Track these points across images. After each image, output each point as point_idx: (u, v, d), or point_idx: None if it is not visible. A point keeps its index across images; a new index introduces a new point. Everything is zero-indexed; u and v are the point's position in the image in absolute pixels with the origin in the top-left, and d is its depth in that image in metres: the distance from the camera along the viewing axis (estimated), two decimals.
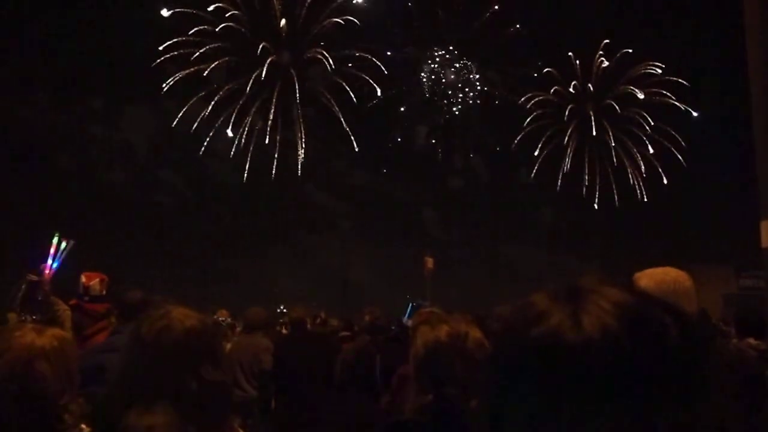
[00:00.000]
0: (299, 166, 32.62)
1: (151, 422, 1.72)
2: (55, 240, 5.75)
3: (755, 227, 2.76)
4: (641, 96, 33.63)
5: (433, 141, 34.88)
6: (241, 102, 31.93)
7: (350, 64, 32.47)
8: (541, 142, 34.67)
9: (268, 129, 32.35)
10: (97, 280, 5.06)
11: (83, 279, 5.05)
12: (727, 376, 3.11)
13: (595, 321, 0.76)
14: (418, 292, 17.82)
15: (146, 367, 1.84)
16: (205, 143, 32.05)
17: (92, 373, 3.09)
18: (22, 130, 28.72)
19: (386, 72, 32.37)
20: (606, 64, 33.82)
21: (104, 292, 5.04)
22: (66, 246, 5.79)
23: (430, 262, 16.89)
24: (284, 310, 20.22)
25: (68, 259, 5.78)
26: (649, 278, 3.13)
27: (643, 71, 33.56)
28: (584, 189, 35.04)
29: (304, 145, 32.66)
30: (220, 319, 9.74)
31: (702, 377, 0.77)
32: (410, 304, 10.03)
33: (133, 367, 1.88)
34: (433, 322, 2.57)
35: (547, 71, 33.69)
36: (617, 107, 34.33)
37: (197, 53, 30.29)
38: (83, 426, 2.13)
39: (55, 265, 5.68)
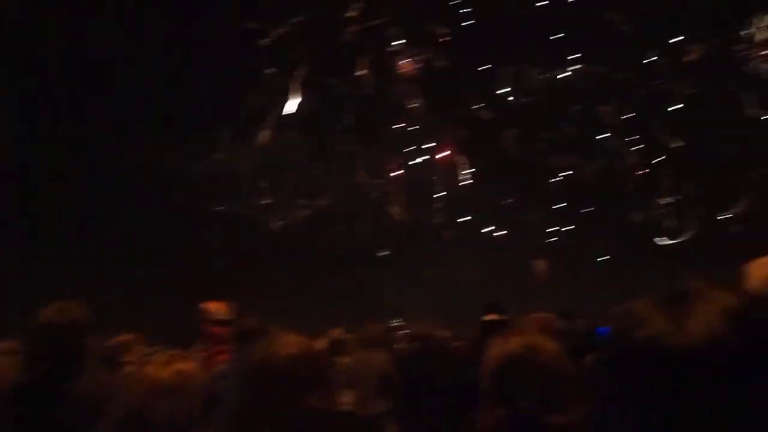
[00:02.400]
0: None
1: None
2: None
3: None
4: None
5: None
6: None
7: None
8: None
9: None
10: (224, 305, 5.36)
11: (209, 306, 5.35)
12: None
13: (701, 325, 0.75)
14: (531, 296, 17.57)
15: (251, 399, 1.92)
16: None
17: (210, 402, 3.24)
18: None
19: None
20: None
21: (228, 318, 5.31)
22: None
23: (541, 264, 16.67)
24: (400, 323, 20.29)
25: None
26: (760, 268, 2.95)
27: None
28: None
29: None
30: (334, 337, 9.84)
31: None
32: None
33: (240, 398, 1.97)
34: (506, 335, 2.53)
35: None
36: None
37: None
38: None
39: None
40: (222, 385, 3.54)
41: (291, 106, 31.90)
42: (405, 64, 32.45)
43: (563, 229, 33.80)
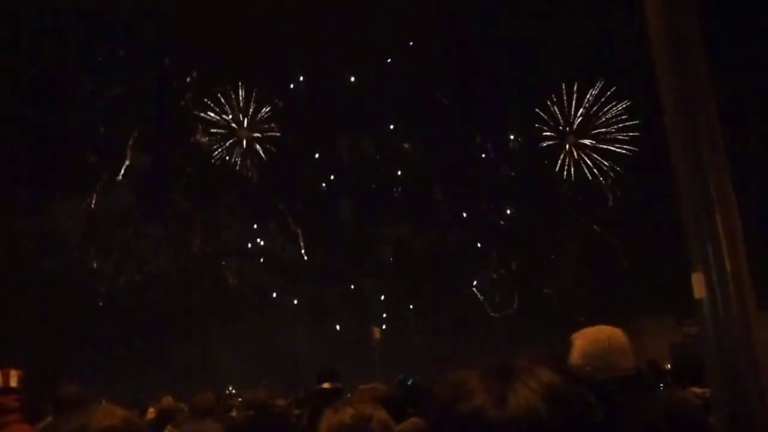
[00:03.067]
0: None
1: None
2: None
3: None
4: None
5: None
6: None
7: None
8: None
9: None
10: (8, 372, 5.01)
11: None
12: (671, 427, 3.10)
13: (522, 400, 0.79)
14: (368, 363, 17.63)
15: None
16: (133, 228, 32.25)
17: None
18: None
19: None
20: None
21: (15, 386, 4.95)
22: None
23: (377, 332, 16.81)
24: (233, 392, 19.71)
25: None
26: (584, 338, 3.21)
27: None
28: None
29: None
30: (163, 406, 9.36)
31: None
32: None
33: None
34: (338, 405, 2.58)
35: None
36: None
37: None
38: None
39: None
40: None
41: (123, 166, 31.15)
42: (242, 132, 32.57)
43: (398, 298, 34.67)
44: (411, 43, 31.47)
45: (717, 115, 2.36)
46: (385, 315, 32.73)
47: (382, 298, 34.79)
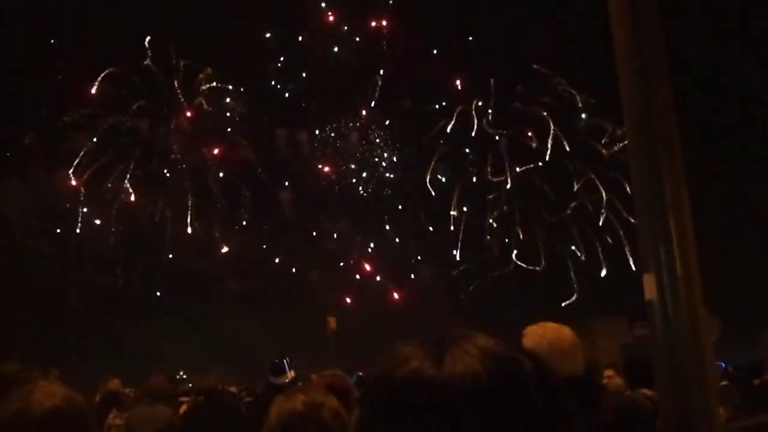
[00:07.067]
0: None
1: None
2: None
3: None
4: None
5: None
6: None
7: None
8: None
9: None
10: None
11: None
12: (620, 427, 3.13)
13: (458, 362, 0.83)
14: (322, 353, 17.59)
15: None
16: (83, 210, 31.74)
17: None
18: None
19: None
20: None
21: None
22: None
23: (332, 322, 16.80)
24: (183, 377, 19.52)
25: None
26: (527, 338, 3.22)
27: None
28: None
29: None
30: (111, 389, 9.22)
31: (562, 424, 0.85)
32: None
33: None
34: (289, 392, 2.57)
35: None
36: None
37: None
38: None
39: None
40: None
41: None
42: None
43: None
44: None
45: (675, 119, 2.38)
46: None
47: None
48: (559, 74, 31.56)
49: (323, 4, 33.13)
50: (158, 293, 32.66)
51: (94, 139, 31.24)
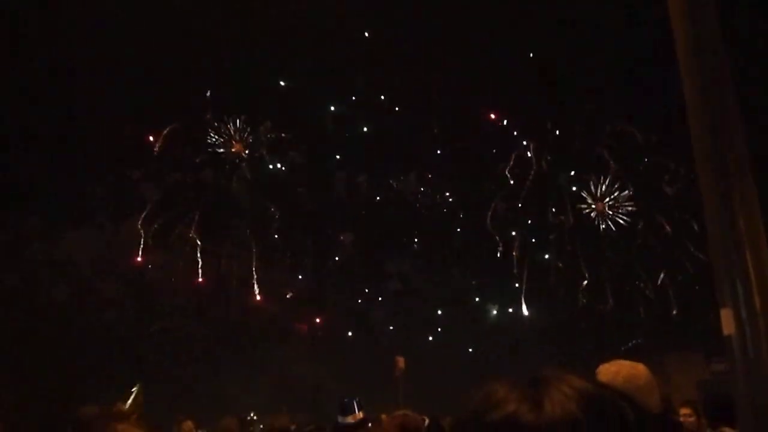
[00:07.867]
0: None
1: None
2: None
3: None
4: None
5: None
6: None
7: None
8: None
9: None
10: None
11: None
12: None
13: (557, 405, 0.78)
14: (389, 394, 17.49)
15: None
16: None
17: None
18: None
19: None
20: None
21: None
22: None
23: (401, 362, 16.66)
24: (254, 418, 19.67)
25: None
26: (603, 375, 3.12)
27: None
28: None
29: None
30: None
31: None
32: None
33: None
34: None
35: None
36: None
37: None
38: None
39: None
40: None
41: None
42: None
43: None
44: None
45: (746, 149, 2.35)
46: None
47: (391, 328, 34.69)
48: (617, 113, 31.23)
49: None
50: (228, 338, 33.07)
51: (159, 191, 32.09)
